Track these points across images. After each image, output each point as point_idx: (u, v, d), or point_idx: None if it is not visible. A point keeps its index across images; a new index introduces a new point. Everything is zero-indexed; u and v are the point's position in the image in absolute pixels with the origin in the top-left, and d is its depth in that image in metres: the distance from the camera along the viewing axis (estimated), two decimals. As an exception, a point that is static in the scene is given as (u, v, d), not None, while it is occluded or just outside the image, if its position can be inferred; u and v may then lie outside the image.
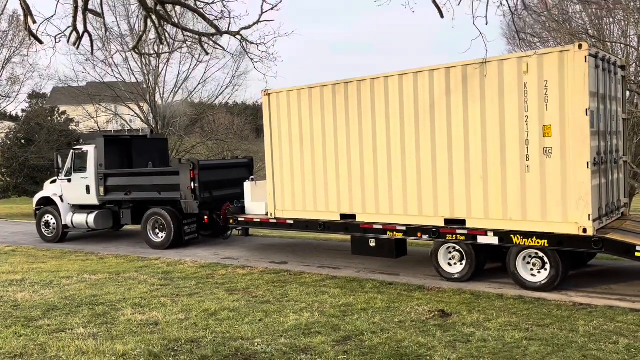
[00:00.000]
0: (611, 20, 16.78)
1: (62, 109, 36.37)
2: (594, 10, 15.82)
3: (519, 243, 8.78)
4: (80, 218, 15.32)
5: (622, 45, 16.57)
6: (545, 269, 8.73)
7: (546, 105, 8.45)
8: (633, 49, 16.13)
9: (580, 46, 8.16)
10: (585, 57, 8.07)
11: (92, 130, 33.38)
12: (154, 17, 9.35)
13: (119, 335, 6.63)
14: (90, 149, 15.21)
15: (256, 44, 10.67)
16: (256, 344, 6.22)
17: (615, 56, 9.96)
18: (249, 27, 10.20)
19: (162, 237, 14.19)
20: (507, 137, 8.84)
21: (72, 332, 6.74)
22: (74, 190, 15.52)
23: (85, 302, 8.32)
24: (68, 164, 15.68)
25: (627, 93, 10.24)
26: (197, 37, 10.90)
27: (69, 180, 15.61)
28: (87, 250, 14.38)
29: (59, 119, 35.80)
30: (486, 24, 6.36)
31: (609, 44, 16.29)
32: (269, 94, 11.88)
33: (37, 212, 16.37)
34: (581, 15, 17.24)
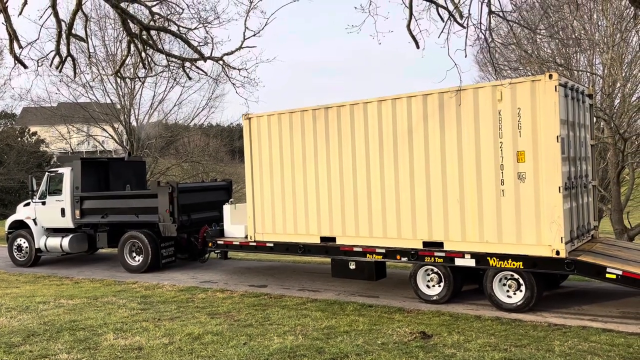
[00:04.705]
0: (577, 49, 17.53)
1: (32, 129, 35.88)
2: (560, 39, 16.51)
3: (495, 265, 9.04)
4: (54, 242, 15.08)
5: (589, 74, 17.29)
6: (521, 291, 8.98)
7: (519, 132, 8.81)
8: (599, 77, 16.84)
9: (550, 76, 8.56)
10: (556, 86, 8.48)
11: (63, 151, 32.92)
12: (137, 42, 9.47)
13: (103, 360, 6.60)
14: (66, 172, 15.05)
15: (238, 70, 10.91)
16: (242, 368, 6.26)
17: (582, 85, 10.45)
18: (232, 52, 10.45)
19: (139, 260, 14.05)
20: (483, 162, 9.15)
21: (55, 358, 6.66)
22: (49, 213, 15.30)
23: (65, 328, 8.22)
24: (43, 187, 15.47)
25: (594, 120, 10.68)
26: (179, 62, 11.05)
27: (44, 203, 15.39)
28: (61, 274, 14.15)
29: (29, 139, 35.30)
30: (465, 57, 6.66)
31: (575, 72, 16.99)
32: (249, 118, 12.02)
33: (9, 235, 16.06)
34: (549, 44, 17.97)
